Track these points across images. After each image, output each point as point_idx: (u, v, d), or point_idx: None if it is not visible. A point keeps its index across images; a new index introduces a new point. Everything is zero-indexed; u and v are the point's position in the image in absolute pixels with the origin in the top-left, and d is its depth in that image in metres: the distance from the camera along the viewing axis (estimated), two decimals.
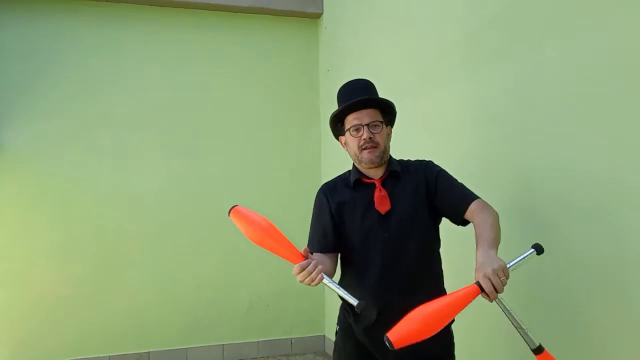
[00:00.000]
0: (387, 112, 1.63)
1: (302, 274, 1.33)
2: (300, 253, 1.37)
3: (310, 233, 1.69)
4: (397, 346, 1.13)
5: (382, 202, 1.57)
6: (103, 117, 3.79)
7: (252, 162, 4.10)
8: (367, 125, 1.55)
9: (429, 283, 1.61)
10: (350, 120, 1.59)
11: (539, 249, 1.32)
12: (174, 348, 3.84)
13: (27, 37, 3.69)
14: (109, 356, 3.70)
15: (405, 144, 2.67)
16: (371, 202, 1.57)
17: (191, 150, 3.96)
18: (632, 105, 1.38)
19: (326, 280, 1.36)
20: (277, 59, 4.21)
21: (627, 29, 1.40)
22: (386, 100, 1.61)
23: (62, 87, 3.73)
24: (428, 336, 1.15)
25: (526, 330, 1.24)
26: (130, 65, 3.88)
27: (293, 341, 4.02)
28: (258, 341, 4.00)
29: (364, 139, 1.55)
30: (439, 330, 1.16)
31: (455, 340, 1.74)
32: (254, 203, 4.25)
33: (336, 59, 3.92)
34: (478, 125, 2.11)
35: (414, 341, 1.15)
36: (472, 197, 1.53)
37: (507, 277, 1.23)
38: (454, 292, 1.22)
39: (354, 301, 1.32)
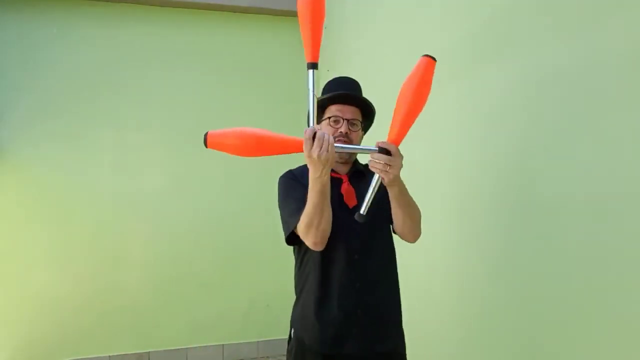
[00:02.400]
0: (366, 117, 1.68)
1: (315, 144, 1.30)
2: (299, 139, 1.35)
3: (285, 210, 1.61)
4: (208, 144, 1.31)
5: (350, 196, 1.60)
6: (103, 117, 3.79)
7: (251, 162, 4.09)
8: (348, 120, 1.59)
9: (390, 279, 1.65)
10: (333, 110, 1.62)
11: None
12: (174, 348, 3.84)
13: (27, 37, 3.69)
14: (109, 356, 3.70)
15: (405, 144, 2.66)
16: (339, 195, 1.59)
17: (191, 150, 3.96)
18: (632, 105, 1.38)
19: (337, 144, 1.37)
20: (276, 59, 4.21)
21: (627, 28, 1.40)
22: (371, 104, 1.65)
23: (62, 87, 3.73)
24: (239, 153, 1.30)
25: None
26: (130, 65, 3.88)
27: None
28: (258, 341, 4.00)
29: (341, 131, 1.58)
30: (251, 152, 1.30)
31: (453, 342, 1.74)
32: (253, 203, 4.27)
33: (336, 59, 3.91)
34: (478, 125, 2.11)
35: (223, 149, 1.31)
36: None
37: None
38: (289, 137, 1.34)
39: (374, 149, 1.35)
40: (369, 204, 1.36)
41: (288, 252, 1.79)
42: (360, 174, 1.66)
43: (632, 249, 1.38)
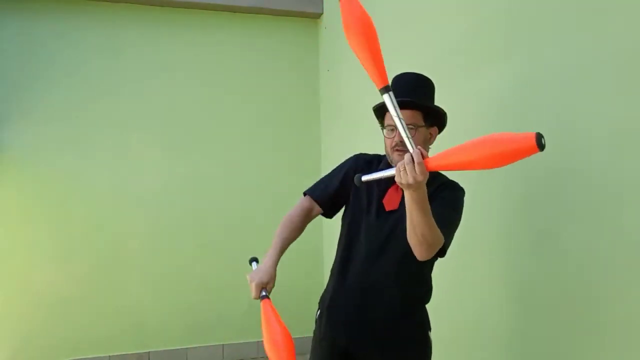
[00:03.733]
0: (431, 114, 1.57)
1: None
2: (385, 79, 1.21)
3: (322, 178, 1.73)
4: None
5: (392, 199, 1.57)
6: (103, 117, 3.79)
7: (252, 162, 4.10)
8: None
9: (405, 284, 1.59)
10: (388, 118, 1.56)
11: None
12: (174, 348, 3.84)
13: (27, 38, 3.69)
14: (109, 356, 3.70)
15: None
16: (381, 193, 1.58)
17: (191, 150, 3.96)
18: (632, 105, 1.38)
19: (365, 177, 1.28)
20: (277, 59, 4.21)
21: (627, 28, 1.40)
22: (429, 105, 1.55)
23: (63, 88, 3.72)
24: None
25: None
26: (130, 65, 3.88)
27: (293, 341, 4.01)
28: (258, 341, 4.00)
29: (396, 141, 1.52)
30: None
31: (453, 342, 1.73)
32: (253, 203, 4.27)
33: (336, 59, 3.91)
34: (478, 125, 2.11)
35: None
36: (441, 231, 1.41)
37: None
38: None
39: (390, 172, 1.23)
40: (371, 178, 1.27)
41: (288, 252, 1.79)
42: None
43: (632, 249, 1.38)
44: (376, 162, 1.68)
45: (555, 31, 1.66)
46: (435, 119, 1.59)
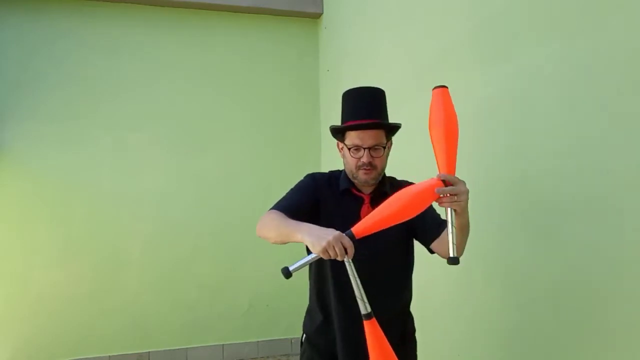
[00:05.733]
0: (390, 131, 1.56)
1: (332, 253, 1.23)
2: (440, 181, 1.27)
3: (282, 198, 1.57)
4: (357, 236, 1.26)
5: None
6: (103, 117, 3.79)
7: (252, 162, 4.10)
8: (369, 148, 1.49)
9: (397, 306, 1.61)
10: (352, 137, 1.50)
11: None
12: (174, 348, 3.84)
13: (27, 38, 3.69)
14: (109, 356, 3.70)
15: (405, 144, 2.66)
16: (357, 217, 1.50)
17: (191, 150, 3.96)
18: (632, 105, 1.38)
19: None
20: (277, 59, 4.21)
21: (627, 28, 1.40)
22: (395, 124, 1.54)
23: (63, 88, 3.73)
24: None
25: (362, 296, 1.30)
26: (130, 65, 3.88)
27: (293, 341, 4.01)
28: (258, 341, 4.00)
29: (363, 161, 1.49)
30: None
31: (454, 341, 1.74)
32: (254, 203, 4.26)
33: (336, 59, 3.92)
34: (478, 125, 2.11)
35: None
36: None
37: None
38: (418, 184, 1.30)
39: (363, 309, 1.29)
40: (454, 244, 1.28)
41: (288, 252, 1.79)
42: (384, 195, 1.51)
43: (632, 249, 1.38)
44: (334, 179, 1.63)
45: (555, 31, 1.66)
46: (393, 132, 1.58)
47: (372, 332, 1.29)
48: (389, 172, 1.66)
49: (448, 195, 1.24)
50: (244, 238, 3.99)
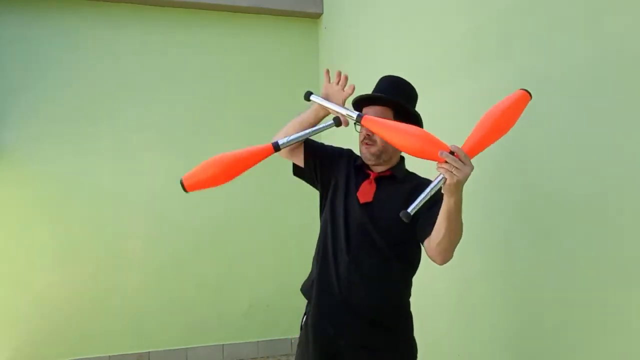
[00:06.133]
0: (402, 113, 1.59)
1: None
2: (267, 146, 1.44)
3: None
4: (187, 188, 1.41)
5: (365, 192, 1.59)
6: (103, 117, 3.79)
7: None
8: None
9: (387, 281, 1.58)
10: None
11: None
12: (174, 348, 3.84)
13: (27, 38, 3.69)
14: (109, 356, 3.70)
15: None
16: (356, 187, 1.62)
17: (191, 150, 3.96)
18: (632, 105, 1.38)
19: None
20: (277, 59, 4.21)
21: (626, 29, 1.40)
22: (399, 101, 1.59)
23: (63, 87, 3.72)
24: (218, 183, 1.41)
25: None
26: (130, 65, 3.88)
27: (293, 341, 4.01)
28: (258, 341, 4.00)
29: (364, 134, 1.59)
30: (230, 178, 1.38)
31: (454, 341, 1.73)
32: (254, 203, 4.26)
33: (336, 59, 3.92)
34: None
35: (203, 185, 1.41)
36: None
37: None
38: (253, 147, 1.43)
39: (435, 184, 1.27)
40: (420, 204, 1.26)
41: (288, 252, 1.79)
42: (392, 179, 1.63)
43: (632, 249, 1.38)
44: (353, 160, 1.72)
45: (555, 31, 1.66)
46: (406, 119, 1.55)
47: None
48: None
49: (447, 163, 1.23)
50: (244, 238, 3.99)
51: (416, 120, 1.61)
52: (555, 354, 1.66)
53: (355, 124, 1.48)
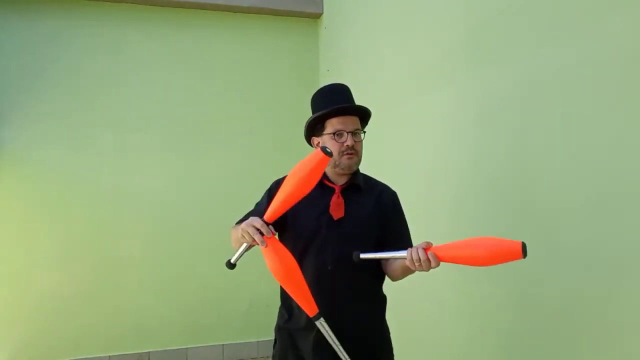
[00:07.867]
0: (363, 120, 1.66)
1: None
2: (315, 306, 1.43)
3: (251, 211, 1.76)
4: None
5: (337, 208, 1.58)
6: (103, 117, 3.79)
7: (252, 162, 4.10)
8: (351, 132, 1.57)
9: (366, 294, 1.62)
10: (334, 124, 1.58)
11: None
12: (174, 348, 3.84)
13: (27, 37, 3.69)
14: (109, 356, 3.70)
15: (405, 144, 2.67)
16: (327, 206, 1.58)
17: (191, 150, 3.96)
18: (632, 105, 1.38)
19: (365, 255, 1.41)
20: (277, 59, 4.21)
21: (626, 30, 1.40)
22: (369, 110, 1.64)
23: (63, 87, 3.72)
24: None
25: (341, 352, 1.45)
26: (130, 65, 3.88)
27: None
28: (258, 341, 4.00)
29: (347, 145, 1.56)
30: None
31: (455, 341, 1.73)
32: (253, 202, 4.25)
33: (336, 59, 3.92)
34: (478, 126, 2.11)
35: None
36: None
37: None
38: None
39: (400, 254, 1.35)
40: (374, 258, 1.40)
41: None
42: (356, 188, 1.62)
43: (632, 249, 1.38)
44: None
45: (555, 33, 1.66)
46: (364, 124, 1.67)
47: None
48: (390, 168, 1.67)
49: (420, 259, 1.30)
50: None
51: (369, 117, 1.68)
52: (555, 355, 1.66)
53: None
